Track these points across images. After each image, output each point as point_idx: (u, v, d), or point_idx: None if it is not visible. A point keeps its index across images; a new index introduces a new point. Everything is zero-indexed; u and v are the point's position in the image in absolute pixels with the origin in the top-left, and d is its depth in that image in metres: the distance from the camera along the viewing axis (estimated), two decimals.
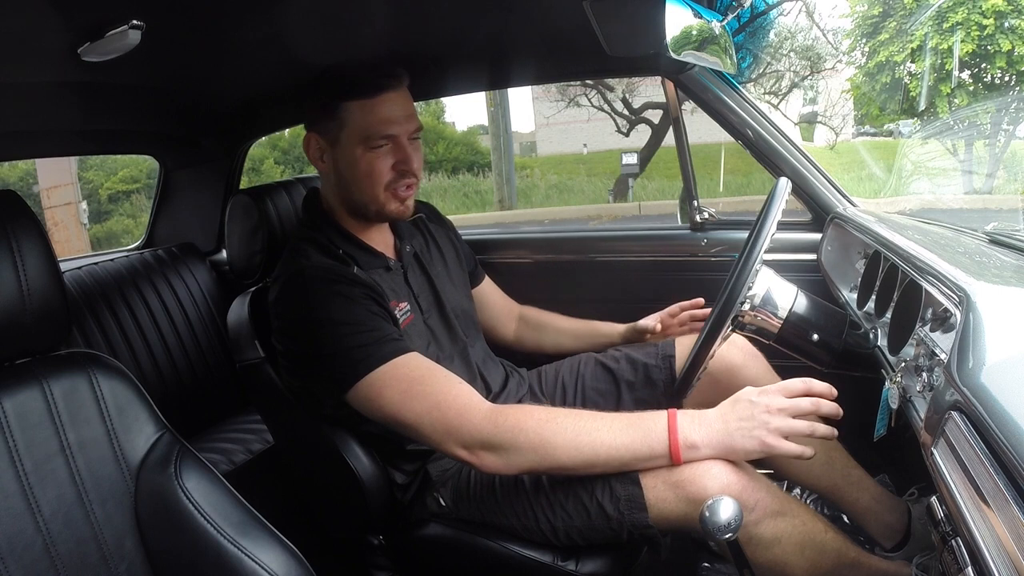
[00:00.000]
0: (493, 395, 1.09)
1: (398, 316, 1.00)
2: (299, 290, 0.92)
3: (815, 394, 0.80)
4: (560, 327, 1.30)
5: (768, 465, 1.10)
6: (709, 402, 1.09)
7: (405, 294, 1.05)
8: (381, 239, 1.07)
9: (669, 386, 1.11)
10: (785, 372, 1.10)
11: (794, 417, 0.79)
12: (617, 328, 1.25)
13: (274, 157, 10.01)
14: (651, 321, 1.20)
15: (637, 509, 0.85)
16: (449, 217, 1.29)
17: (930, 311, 0.76)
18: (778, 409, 0.79)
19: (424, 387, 0.86)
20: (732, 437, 0.80)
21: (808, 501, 1.11)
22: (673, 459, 0.81)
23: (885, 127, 8.73)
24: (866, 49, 7.74)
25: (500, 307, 1.32)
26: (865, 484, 1.05)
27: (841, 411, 0.80)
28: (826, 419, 0.88)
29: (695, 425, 0.81)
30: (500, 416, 0.84)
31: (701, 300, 1.21)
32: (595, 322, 1.29)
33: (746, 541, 0.75)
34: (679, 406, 1.08)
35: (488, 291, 1.30)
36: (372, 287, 0.95)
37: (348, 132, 0.96)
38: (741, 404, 0.82)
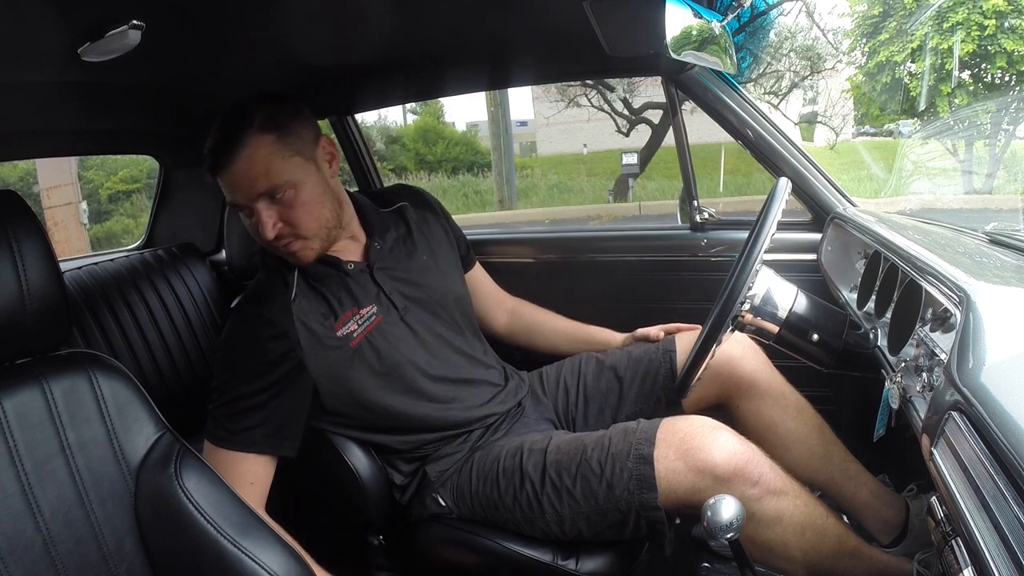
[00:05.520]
0: (491, 395, 1.09)
1: (357, 325, 0.99)
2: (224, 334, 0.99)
3: None
4: (556, 328, 1.28)
5: None
6: (710, 396, 1.10)
7: (372, 295, 1.02)
8: (347, 243, 1.05)
9: (670, 381, 1.10)
10: (786, 372, 1.10)
11: None
12: (616, 337, 1.24)
13: None
14: (652, 331, 1.19)
15: (647, 489, 0.85)
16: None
17: (930, 311, 0.76)
18: None
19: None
20: None
21: None
22: None
23: (885, 127, 8.75)
24: (866, 49, 7.76)
25: (490, 296, 1.29)
26: (863, 479, 1.05)
27: None
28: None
29: None
30: None
31: (699, 326, 1.19)
32: (593, 327, 1.27)
33: (747, 519, 0.75)
34: (679, 405, 1.08)
35: (478, 278, 1.27)
36: (289, 339, 0.94)
37: None
38: None
